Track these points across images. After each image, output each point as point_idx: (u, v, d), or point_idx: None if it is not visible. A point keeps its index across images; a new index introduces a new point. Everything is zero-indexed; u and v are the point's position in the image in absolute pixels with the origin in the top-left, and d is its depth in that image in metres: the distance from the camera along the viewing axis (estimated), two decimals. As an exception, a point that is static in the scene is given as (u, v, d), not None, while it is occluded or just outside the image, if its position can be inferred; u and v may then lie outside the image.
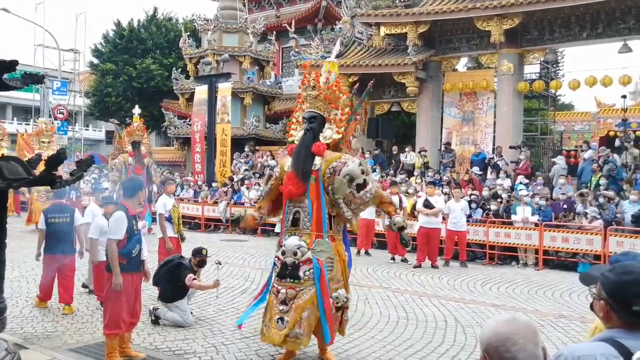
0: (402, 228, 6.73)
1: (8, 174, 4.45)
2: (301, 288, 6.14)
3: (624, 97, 18.81)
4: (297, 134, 6.68)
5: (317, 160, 6.33)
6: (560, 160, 17.70)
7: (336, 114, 6.49)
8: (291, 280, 6.18)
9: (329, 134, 6.44)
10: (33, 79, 4.91)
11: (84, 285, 9.93)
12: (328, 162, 6.24)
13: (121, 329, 6.40)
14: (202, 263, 8.62)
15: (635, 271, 2.30)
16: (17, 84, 4.80)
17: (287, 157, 6.69)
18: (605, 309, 2.35)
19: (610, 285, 2.33)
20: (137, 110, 18.68)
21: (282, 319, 6.11)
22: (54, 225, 8.83)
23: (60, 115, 33.72)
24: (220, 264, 8.61)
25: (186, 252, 9.37)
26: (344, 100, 6.58)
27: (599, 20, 18.17)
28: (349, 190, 6.16)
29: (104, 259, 8.62)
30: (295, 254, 6.19)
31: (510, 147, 18.14)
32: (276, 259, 6.46)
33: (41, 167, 4.81)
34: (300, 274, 6.15)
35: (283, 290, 6.19)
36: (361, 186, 6.18)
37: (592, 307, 2.46)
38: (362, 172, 6.20)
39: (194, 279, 8.15)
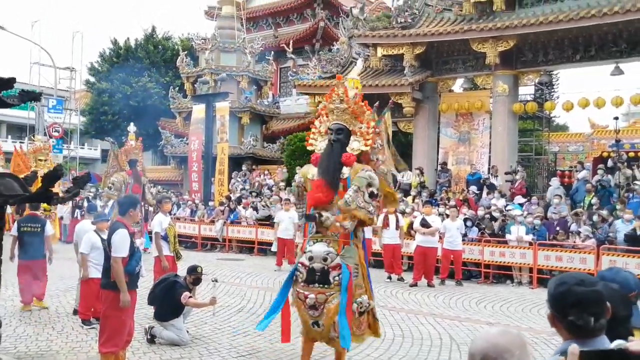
0: (315, 219, 6.46)
1: (4, 190, 4.50)
2: (331, 292, 6.30)
3: (616, 118, 18.97)
4: (317, 143, 6.96)
5: (345, 169, 6.60)
6: (554, 182, 17.84)
7: (361, 127, 6.76)
8: (320, 285, 6.34)
9: (356, 145, 6.71)
10: (30, 97, 4.98)
11: (76, 312, 9.50)
12: (356, 172, 6.52)
13: (119, 347, 6.43)
14: (197, 281, 8.66)
15: (569, 282, 2.36)
16: (15, 102, 4.86)
17: (310, 165, 6.94)
18: (551, 320, 2.41)
19: (550, 297, 2.40)
20: (132, 128, 18.72)
21: (317, 322, 6.37)
22: (26, 234, 10.04)
23: (56, 134, 33.72)
24: (216, 281, 8.66)
25: (182, 270, 9.40)
26: (368, 114, 6.88)
27: (591, 43, 18.40)
28: (364, 190, 6.34)
29: (95, 275, 8.73)
30: (325, 259, 6.35)
31: (506, 173, 18.23)
32: (300, 265, 6.55)
33: (37, 184, 4.88)
34: (330, 279, 6.32)
35: (312, 296, 6.34)
36: (373, 195, 6.42)
37: (549, 319, 2.51)
38: (378, 188, 6.50)
39: (190, 297, 8.18)
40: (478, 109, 20.67)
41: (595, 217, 14.08)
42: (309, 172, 6.89)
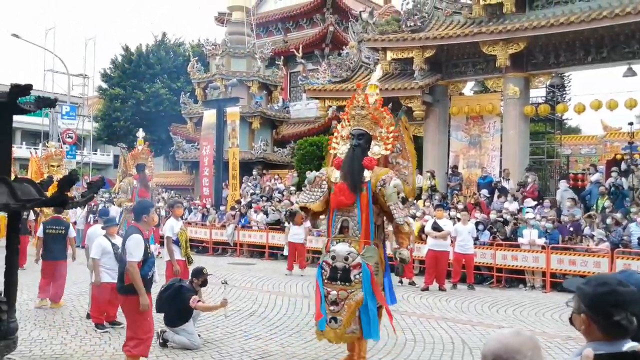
0: (403, 261, 6.97)
1: (21, 195, 4.55)
2: (352, 290, 6.71)
3: (631, 124, 18.88)
4: (340, 147, 7.31)
5: (367, 173, 6.88)
6: (562, 185, 17.71)
7: (381, 132, 7.10)
8: (342, 282, 6.75)
9: (376, 150, 7.06)
10: (46, 103, 5.04)
11: (89, 316, 9.54)
12: (378, 176, 6.84)
13: (149, 348, 6.63)
14: (204, 283, 8.70)
15: (610, 282, 2.33)
16: (31, 108, 4.92)
17: (333, 169, 7.20)
18: (586, 322, 2.37)
19: (589, 298, 2.35)
20: (141, 133, 18.79)
21: (335, 318, 6.73)
22: (51, 236, 10.91)
23: (69, 140, 33.95)
24: (226, 283, 8.68)
25: (194, 274, 9.42)
26: (388, 119, 7.20)
27: (603, 44, 18.28)
28: (397, 201, 6.79)
29: (107, 280, 8.79)
30: (346, 259, 6.76)
31: (518, 184, 18.08)
32: (324, 263, 6.95)
33: (54, 189, 4.93)
34: (351, 277, 6.73)
35: (333, 292, 6.76)
36: (404, 200, 6.96)
37: (571, 321, 2.48)
38: (402, 190, 6.94)
39: (199, 300, 8.20)
40: (489, 112, 20.58)
41: (609, 220, 13.96)
42: (332, 174, 7.16)
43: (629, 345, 2.15)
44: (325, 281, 6.87)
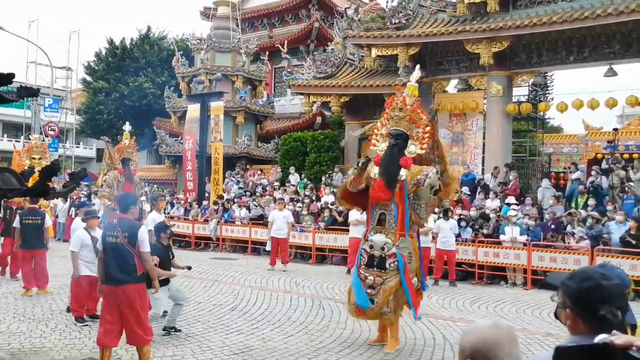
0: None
1: (2, 185, 4.46)
2: (387, 277, 7.53)
3: (616, 130, 19.04)
4: (379, 145, 7.93)
5: (403, 172, 7.57)
6: (545, 183, 17.85)
7: (418, 132, 7.70)
8: (378, 269, 7.58)
9: (413, 149, 7.68)
10: (29, 93, 4.93)
11: (69, 309, 9.39)
12: (413, 175, 7.52)
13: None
14: (172, 234, 8.93)
15: (594, 276, 2.31)
16: (13, 97, 4.82)
17: (373, 165, 7.82)
18: (571, 317, 2.34)
19: (574, 293, 2.32)
20: (127, 127, 18.59)
21: (371, 300, 7.53)
22: (28, 226, 11.28)
23: (52, 132, 33.64)
24: (190, 268, 8.66)
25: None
26: (424, 120, 7.79)
27: (585, 44, 18.41)
28: (429, 196, 7.58)
29: (86, 272, 8.71)
30: (382, 248, 7.56)
31: (500, 182, 18.11)
32: (363, 251, 7.77)
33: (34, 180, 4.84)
34: (387, 265, 7.55)
35: (371, 278, 7.59)
36: (437, 191, 7.62)
37: (556, 315, 2.46)
38: (437, 179, 7.58)
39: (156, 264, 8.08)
40: (472, 109, 20.64)
41: (589, 220, 14.03)
42: (372, 170, 7.78)
43: (599, 337, 2.12)
44: (363, 267, 7.68)
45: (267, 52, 31.80)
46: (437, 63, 21.43)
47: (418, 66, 9.62)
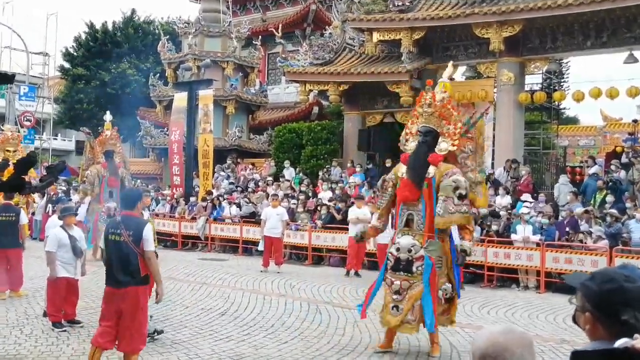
0: (465, 252, 7.68)
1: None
2: (414, 281, 7.60)
3: (635, 121, 19.01)
4: (409, 144, 8.11)
5: (432, 169, 7.70)
6: (562, 178, 17.83)
7: (449, 129, 7.85)
8: (405, 273, 7.66)
9: (444, 146, 7.80)
10: (2, 78, 4.90)
11: (46, 314, 9.33)
12: (441, 172, 7.62)
13: None
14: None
15: (616, 278, 2.28)
16: (-16, 84, 4.79)
17: (401, 164, 8.10)
18: (591, 321, 2.32)
19: (594, 296, 2.29)
20: (108, 116, 18.53)
21: (396, 307, 7.64)
22: (1, 223, 11.07)
23: (27, 123, 33.50)
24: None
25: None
26: (456, 116, 7.99)
27: (603, 28, 18.37)
28: (452, 195, 7.46)
29: (63, 274, 8.69)
30: (409, 251, 7.64)
31: (511, 177, 17.98)
32: (389, 254, 7.90)
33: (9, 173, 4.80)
34: (414, 268, 7.62)
35: (397, 282, 7.68)
36: (462, 197, 7.49)
37: (574, 320, 2.43)
38: (465, 187, 7.56)
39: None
40: (481, 99, 20.56)
41: (608, 218, 14.00)
42: (400, 170, 8.02)
43: (620, 341, 2.10)
44: (390, 271, 7.80)
45: (260, 37, 31.71)
46: (443, 49, 21.39)
47: (451, 63, 9.87)
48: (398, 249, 7.72)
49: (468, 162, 8.10)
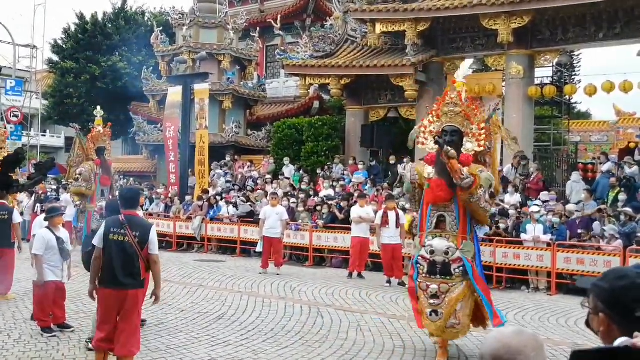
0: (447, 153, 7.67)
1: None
2: (453, 283, 7.68)
3: None
4: (429, 143, 8.13)
5: (464, 170, 7.65)
6: (574, 176, 17.81)
7: (472, 129, 7.98)
8: (442, 276, 7.71)
9: (469, 146, 7.91)
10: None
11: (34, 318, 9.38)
12: (473, 172, 7.65)
13: None
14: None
15: (629, 275, 2.27)
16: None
17: (424, 164, 8.24)
18: (605, 323, 2.30)
19: (607, 295, 2.28)
20: (99, 112, 18.48)
21: (435, 311, 7.66)
22: None
23: (14, 119, 33.51)
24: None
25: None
26: (479, 116, 8.16)
27: (616, 19, 18.37)
28: (487, 190, 7.79)
29: (51, 278, 8.67)
30: (446, 253, 7.71)
31: (521, 174, 17.92)
32: (420, 258, 7.91)
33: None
34: (452, 270, 7.70)
35: (434, 286, 7.71)
36: (493, 196, 7.87)
37: (588, 324, 2.43)
38: (491, 186, 7.93)
39: None
40: (489, 92, 20.60)
41: (622, 217, 13.99)
42: (425, 170, 8.09)
43: (620, 340, 2.10)
44: (424, 275, 7.82)
45: (257, 28, 31.68)
46: (449, 41, 21.39)
47: (466, 61, 9.92)
48: (432, 252, 7.75)
49: (487, 158, 8.30)
